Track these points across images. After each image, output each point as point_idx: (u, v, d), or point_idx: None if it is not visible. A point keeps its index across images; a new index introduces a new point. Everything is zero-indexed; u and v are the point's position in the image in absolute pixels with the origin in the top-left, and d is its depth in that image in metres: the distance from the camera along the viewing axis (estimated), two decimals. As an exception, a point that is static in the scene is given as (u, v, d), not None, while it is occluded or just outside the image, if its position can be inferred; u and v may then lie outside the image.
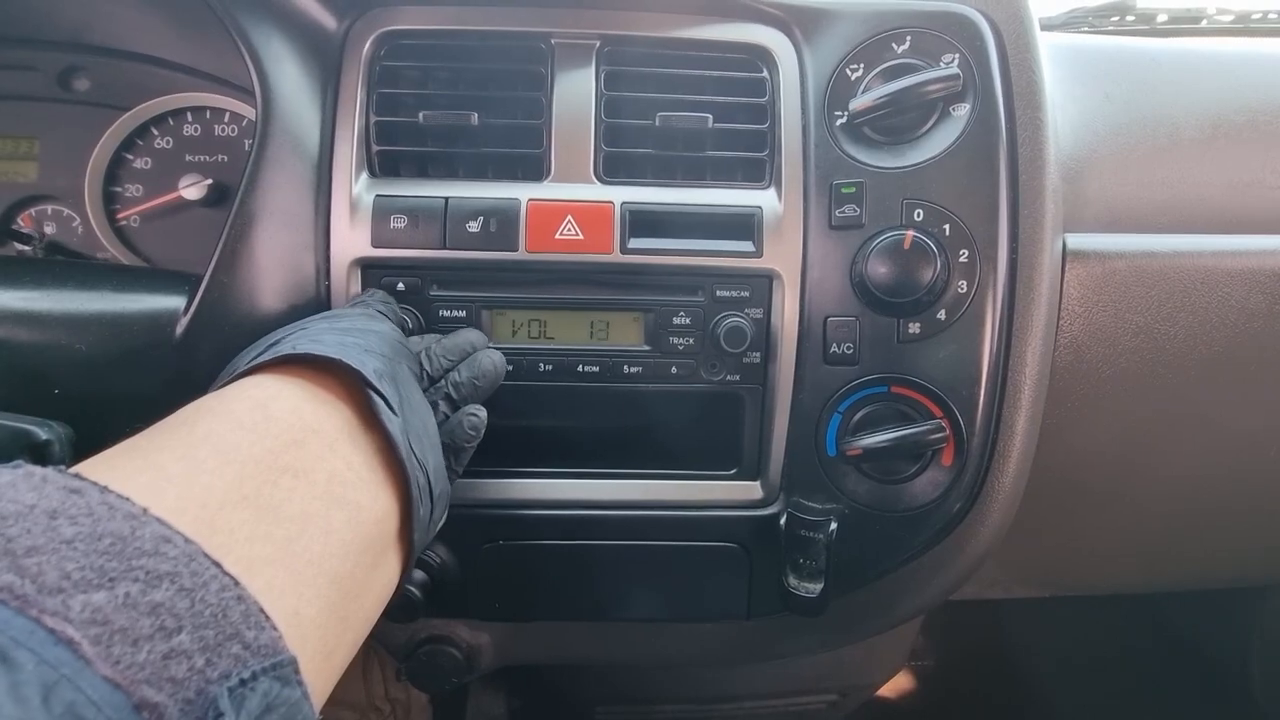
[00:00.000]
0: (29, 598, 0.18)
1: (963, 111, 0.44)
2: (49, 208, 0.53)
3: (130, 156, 0.54)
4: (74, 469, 0.22)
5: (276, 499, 0.25)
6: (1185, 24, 0.79)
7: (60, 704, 0.17)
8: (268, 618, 0.21)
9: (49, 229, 0.53)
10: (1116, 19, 0.79)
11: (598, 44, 0.46)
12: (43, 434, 0.32)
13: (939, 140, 0.44)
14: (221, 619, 0.20)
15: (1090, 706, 0.98)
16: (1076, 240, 0.49)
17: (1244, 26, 0.78)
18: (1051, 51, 0.55)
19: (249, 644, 0.20)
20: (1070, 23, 0.79)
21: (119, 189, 0.54)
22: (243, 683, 0.19)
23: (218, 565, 0.21)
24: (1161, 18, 0.79)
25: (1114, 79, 0.56)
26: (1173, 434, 0.55)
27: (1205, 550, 0.67)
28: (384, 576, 0.30)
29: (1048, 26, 0.78)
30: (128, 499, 0.21)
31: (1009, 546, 0.58)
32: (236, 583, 0.21)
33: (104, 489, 0.21)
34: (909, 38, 0.44)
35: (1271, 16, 0.79)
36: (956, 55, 0.44)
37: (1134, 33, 0.78)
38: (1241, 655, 0.89)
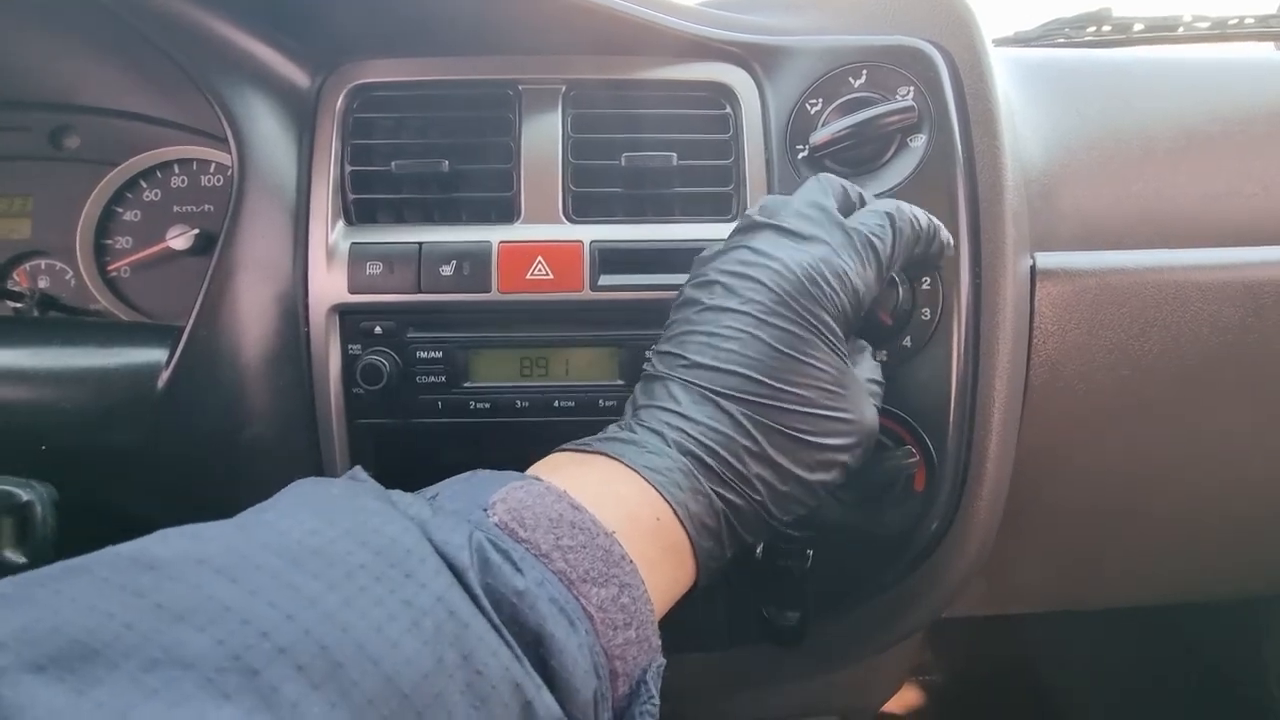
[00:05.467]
0: (574, 584, 0.26)
1: (919, 142, 0.44)
2: (42, 262, 0.55)
3: (120, 210, 0.56)
4: (549, 478, 0.29)
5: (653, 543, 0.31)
6: (1162, 32, 0.79)
7: (590, 658, 0.25)
8: (658, 632, 0.28)
9: (43, 283, 0.55)
10: (1093, 29, 0.80)
11: (563, 88, 0.48)
12: (24, 495, 0.33)
13: (898, 171, 0.44)
14: (646, 624, 0.27)
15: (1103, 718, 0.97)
16: (1046, 259, 0.49)
17: (1221, 32, 0.79)
18: (1023, 69, 0.56)
19: (653, 647, 0.28)
20: (1047, 34, 0.80)
21: (109, 241, 0.56)
22: (654, 672, 0.27)
23: (646, 589, 0.28)
24: (1138, 26, 0.79)
25: (1086, 93, 0.57)
26: (1157, 449, 0.55)
27: (1202, 563, 0.66)
28: None
29: (1025, 41, 0.79)
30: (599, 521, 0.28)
31: (1003, 565, 0.58)
32: (652, 604, 0.28)
33: (588, 510, 0.28)
34: (865, 72, 0.45)
35: (1248, 21, 0.79)
36: (911, 88, 0.45)
37: (1111, 42, 0.78)
38: (1257, 664, 0.88)
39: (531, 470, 0.32)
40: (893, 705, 0.99)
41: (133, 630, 0.18)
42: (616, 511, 0.29)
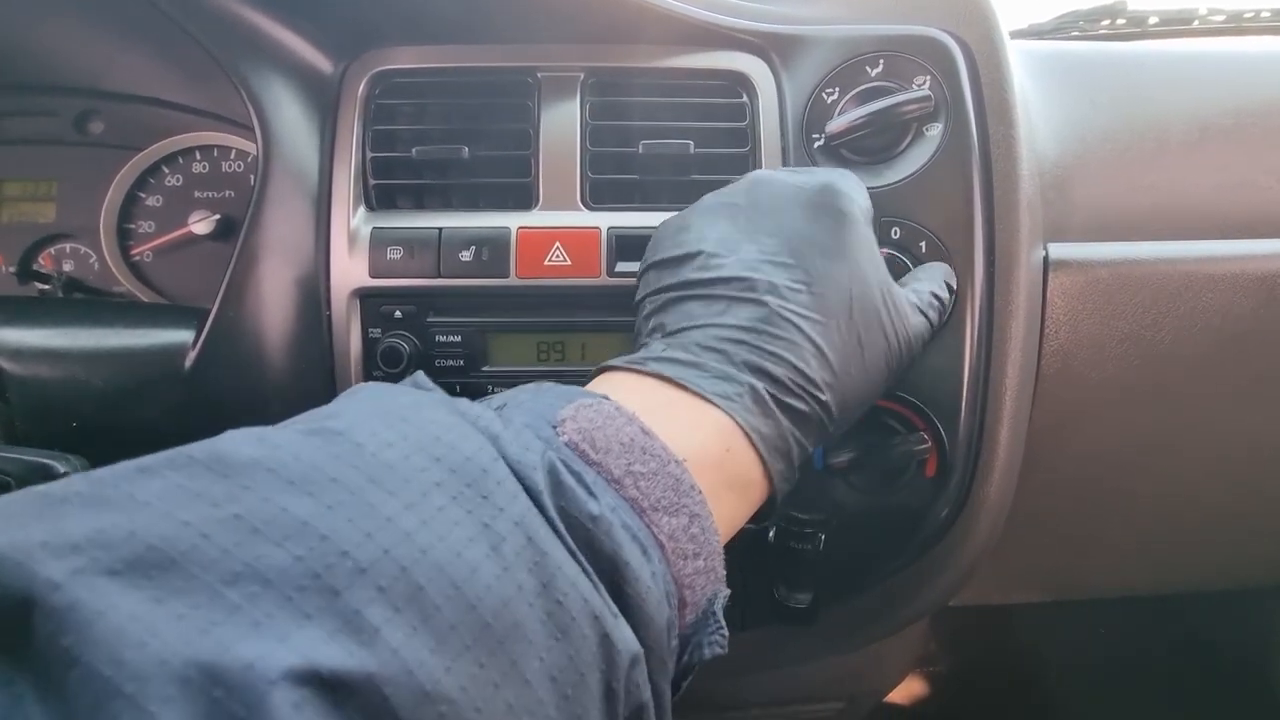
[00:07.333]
0: (646, 512, 0.25)
1: (935, 131, 0.45)
2: (67, 246, 0.56)
3: (143, 195, 0.57)
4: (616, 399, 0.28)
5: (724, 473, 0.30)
6: (1177, 25, 0.79)
7: (662, 587, 0.24)
8: (724, 563, 0.28)
9: (67, 266, 0.56)
10: (1108, 22, 0.79)
11: (582, 76, 0.48)
12: (61, 467, 0.34)
13: (913, 160, 0.45)
14: (714, 554, 0.27)
15: (1106, 708, 0.98)
16: (1059, 249, 0.49)
17: (1236, 26, 0.78)
18: (1039, 60, 0.56)
19: (720, 577, 0.28)
20: (1061, 28, 0.80)
21: (132, 226, 0.56)
22: (721, 602, 0.28)
23: (713, 519, 0.27)
24: (1153, 20, 0.79)
25: (1100, 84, 0.57)
26: (1168, 437, 0.56)
27: (1212, 552, 0.67)
28: None
29: (1039, 33, 0.79)
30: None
31: (1012, 553, 0.58)
32: (717, 531, 0.27)
33: (658, 439, 0.27)
34: (882, 61, 0.46)
35: (1264, 14, 0.79)
36: (928, 77, 0.45)
37: (1126, 36, 0.78)
38: (1262, 654, 0.88)
39: (592, 387, 0.31)
40: (897, 695, 1.00)
41: (210, 541, 0.17)
42: (687, 440, 0.28)
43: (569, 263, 0.46)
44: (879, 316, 0.35)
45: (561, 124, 0.47)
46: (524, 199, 0.47)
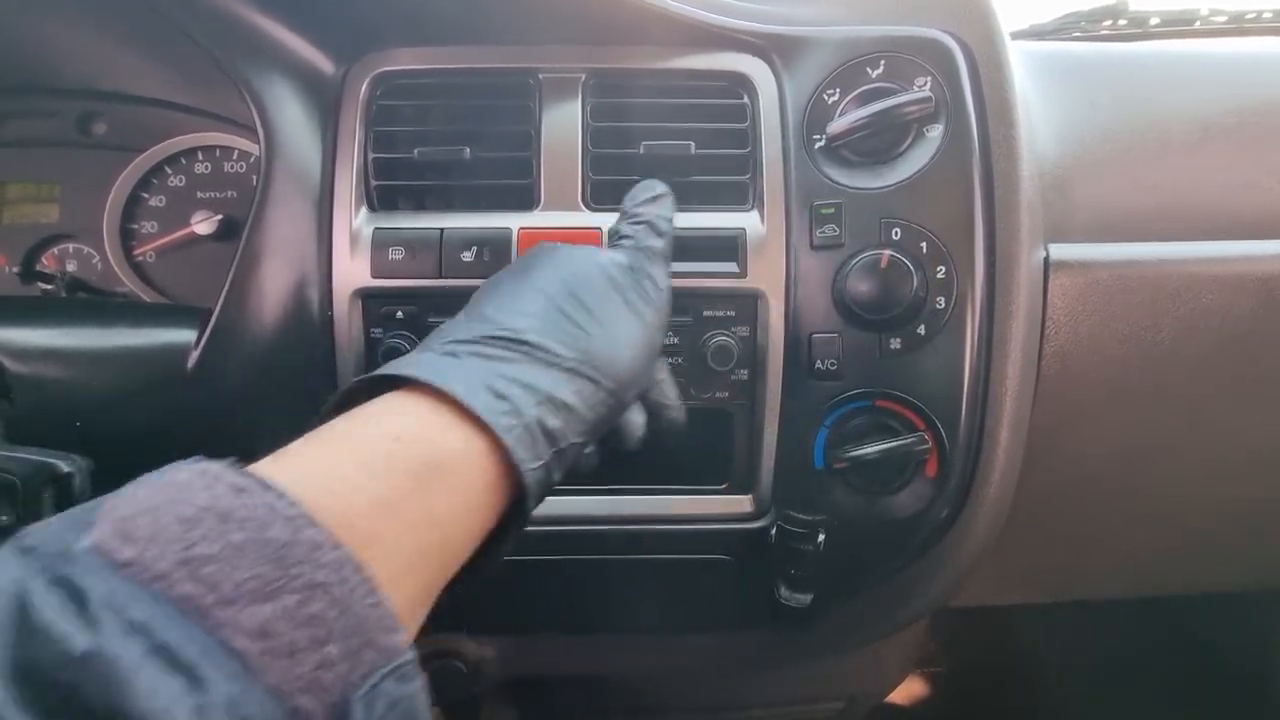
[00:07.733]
0: (210, 610, 0.19)
1: (936, 132, 0.45)
2: (70, 246, 0.56)
3: (145, 195, 0.57)
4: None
5: (407, 505, 0.25)
6: (1178, 26, 0.79)
7: (233, 717, 0.18)
8: (398, 621, 0.22)
9: (71, 267, 0.56)
10: (1109, 23, 0.79)
11: (583, 77, 0.48)
12: (65, 466, 0.35)
13: (914, 161, 0.45)
14: (361, 627, 0.20)
15: (1105, 708, 0.98)
16: (1060, 250, 0.49)
17: (1237, 26, 0.78)
18: (1039, 61, 0.56)
19: (380, 648, 0.21)
20: (1063, 28, 0.80)
21: (135, 226, 0.57)
22: (373, 687, 0.20)
23: (361, 574, 0.21)
24: (1154, 20, 0.79)
25: (1102, 86, 0.57)
26: (1168, 438, 0.56)
27: (1212, 552, 0.67)
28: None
29: (1040, 34, 0.79)
30: (283, 496, 0.21)
31: (1012, 553, 0.58)
32: (376, 591, 0.21)
33: (265, 486, 0.21)
34: (883, 62, 0.46)
35: (1266, 15, 0.79)
36: (929, 78, 0.45)
37: (1127, 36, 0.78)
38: (1262, 654, 0.88)
39: None
40: (897, 695, 1.00)
41: None
42: (334, 457, 0.24)
43: (570, 263, 0.46)
44: (595, 277, 0.34)
45: (563, 125, 0.48)
46: (525, 200, 0.47)
